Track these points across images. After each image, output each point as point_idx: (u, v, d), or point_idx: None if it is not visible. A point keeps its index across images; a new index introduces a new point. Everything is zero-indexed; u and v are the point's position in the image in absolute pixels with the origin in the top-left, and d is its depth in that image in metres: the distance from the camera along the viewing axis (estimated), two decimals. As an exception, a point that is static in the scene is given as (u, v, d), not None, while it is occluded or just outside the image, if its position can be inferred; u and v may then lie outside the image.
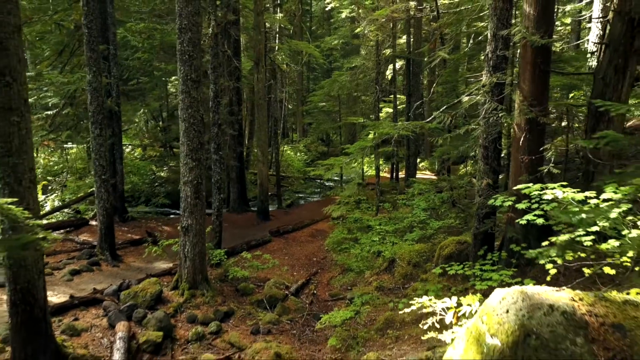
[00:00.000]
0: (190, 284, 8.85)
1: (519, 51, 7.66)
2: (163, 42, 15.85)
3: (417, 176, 19.42)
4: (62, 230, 12.74)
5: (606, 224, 3.20)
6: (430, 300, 4.20)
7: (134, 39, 16.12)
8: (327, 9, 27.92)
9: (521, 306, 3.29)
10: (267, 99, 16.47)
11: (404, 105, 20.95)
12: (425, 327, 4.10)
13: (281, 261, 11.56)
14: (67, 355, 6.47)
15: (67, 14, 13.16)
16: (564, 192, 3.56)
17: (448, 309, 4.01)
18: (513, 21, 6.96)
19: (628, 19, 6.00)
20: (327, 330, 8.09)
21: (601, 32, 8.43)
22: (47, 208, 15.62)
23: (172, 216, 16.43)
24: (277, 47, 16.54)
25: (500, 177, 8.52)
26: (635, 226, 3.50)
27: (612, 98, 6.06)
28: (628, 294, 3.44)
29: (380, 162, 23.36)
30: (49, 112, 13.83)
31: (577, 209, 3.59)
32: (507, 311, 3.34)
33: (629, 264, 3.64)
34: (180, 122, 8.53)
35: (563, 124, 8.30)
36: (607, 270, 3.86)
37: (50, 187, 17.83)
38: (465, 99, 7.54)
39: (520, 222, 4.50)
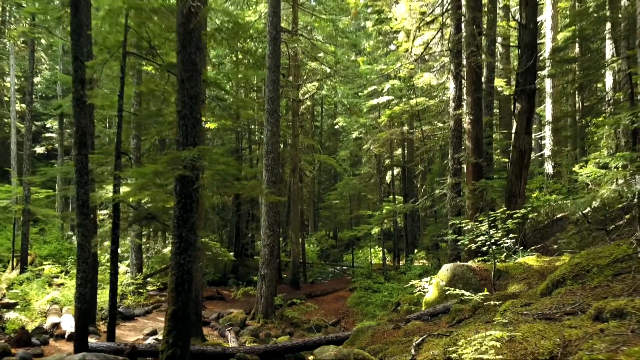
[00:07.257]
0: (264, 314, 13.22)
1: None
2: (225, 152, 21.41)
3: (414, 264, 23.98)
4: (155, 289, 17.10)
5: (483, 238, 8.05)
6: (419, 281, 8.92)
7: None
8: (336, 127, 35.03)
9: (453, 267, 8.15)
10: (300, 196, 21.77)
11: (401, 204, 26.23)
12: (416, 290, 8.79)
13: (317, 311, 15.88)
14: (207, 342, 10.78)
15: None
16: (471, 225, 8.48)
17: (427, 282, 8.74)
18: (462, 148, 12.33)
19: (519, 150, 11.33)
20: (357, 342, 12.37)
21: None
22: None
23: (221, 287, 20.75)
24: (309, 159, 22.19)
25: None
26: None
27: (515, 191, 11.16)
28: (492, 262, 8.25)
29: (386, 252, 28.27)
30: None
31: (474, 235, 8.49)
32: (447, 270, 8.19)
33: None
34: (263, 206, 13.57)
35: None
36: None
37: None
38: (437, 191, 12.74)
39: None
